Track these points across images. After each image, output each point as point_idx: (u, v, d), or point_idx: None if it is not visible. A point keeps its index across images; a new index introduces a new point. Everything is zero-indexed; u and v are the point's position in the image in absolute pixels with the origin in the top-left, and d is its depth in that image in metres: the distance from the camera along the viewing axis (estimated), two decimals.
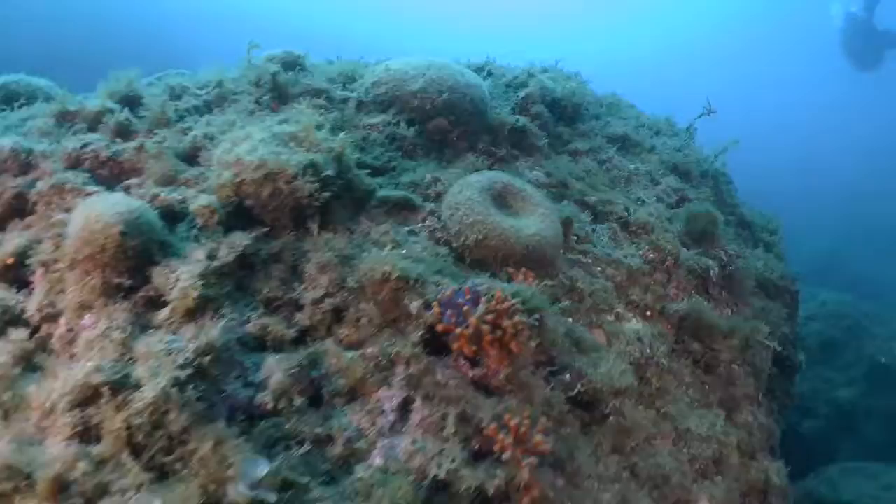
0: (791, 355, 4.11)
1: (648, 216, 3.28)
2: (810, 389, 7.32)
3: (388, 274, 2.37)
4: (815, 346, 7.81)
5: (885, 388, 7.51)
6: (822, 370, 7.66)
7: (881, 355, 7.73)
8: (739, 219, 4.24)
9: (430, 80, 3.33)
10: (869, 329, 8.15)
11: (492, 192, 2.84)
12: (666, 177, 3.87)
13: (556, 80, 4.23)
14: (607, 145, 3.89)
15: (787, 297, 4.00)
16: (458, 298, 2.29)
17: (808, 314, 8.18)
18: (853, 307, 8.46)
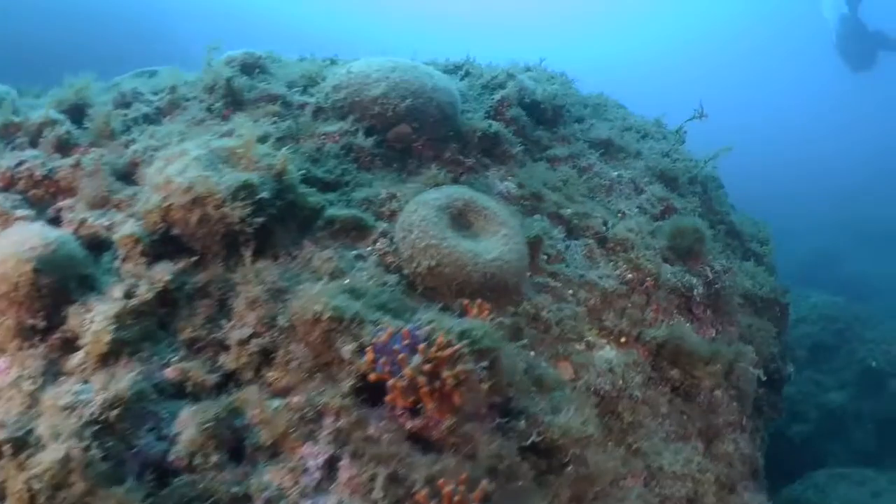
0: (780, 367, 3.82)
1: (628, 232, 2.98)
2: (800, 393, 7.06)
3: (320, 314, 2.14)
4: (806, 349, 7.55)
5: (876, 393, 7.26)
6: (812, 373, 7.39)
7: (872, 359, 7.43)
8: (729, 227, 3.91)
9: (393, 84, 3.05)
10: (860, 333, 7.84)
11: (450, 210, 2.57)
12: (651, 185, 3.55)
13: (538, 80, 3.91)
14: (589, 151, 3.58)
15: (776, 310, 3.69)
16: (395, 344, 2.05)
17: (799, 316, 7.92)
18: (844, 310, 8.15)
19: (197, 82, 3.39)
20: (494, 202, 2.68)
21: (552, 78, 3.96)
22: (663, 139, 4.08)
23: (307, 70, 3.50)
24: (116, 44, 14.17)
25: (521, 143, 3.38)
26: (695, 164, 3.92)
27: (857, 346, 7.59)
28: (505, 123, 3.36)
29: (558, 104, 3.62)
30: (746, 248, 3.90)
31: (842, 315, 7.95)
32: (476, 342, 2.12)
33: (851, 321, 7.92)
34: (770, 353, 3.40)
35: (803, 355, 7.41)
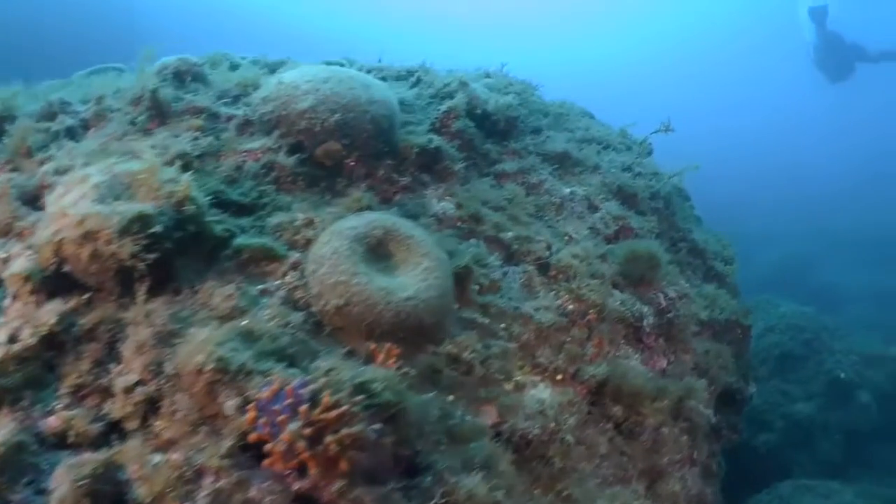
0: (741, 388, 3.61)
1: (572, 258, 2.77)
2: (766, 403, 6.95)
3: (202, 365, 1.97)
4: (774, 359, 7.42)
5: (844, 404, 7.15)
6: (780, 383, 7.27)
7: (841, 370, 7.30)
8: (691, 246, 3.67)
9: (323, 97, 2.84)
10: (829, 343, 7.71)
11: (367, 241, 2.38)
12: (607, 202, 3.31)
13: (496, 87, 3.68)
14: (542, 165, 3.35)
15: (737, 332, 3.47)
16: (276, 403, 1.88)
17: (768, 325, 7.83)
18: (813, 320, 7.99)
19: (125, 91, 3.20)
20: (420, 230, 2.48)
21: (511, 85, 3.72)
22: (627, 151, 3.84)
23: (245, 78, 3.30)
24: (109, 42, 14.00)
25: (466, 158, 3.16)
26: (658, 177, 3.68)
27: (825, 357, 7.45)
28: (450, 137, 3.14)
29: (511, 115, 3.39)
30: (709, 267, 3.66)
31: (811, 325, 7.80)
32: (375, 396, 1.95)
33: (820, 331, 7.78)
34: (727, 381, 3.19)
35: (771, 365, 7.31)
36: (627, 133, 4.02)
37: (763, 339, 7.56)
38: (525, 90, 3.92)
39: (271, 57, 4.45)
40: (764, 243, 15.51)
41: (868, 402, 7.19)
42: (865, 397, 7.21)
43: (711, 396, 3.08)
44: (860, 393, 7.22)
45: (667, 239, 3.58)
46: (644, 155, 3.89)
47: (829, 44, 16.01)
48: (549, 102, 4.07)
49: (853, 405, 7.14)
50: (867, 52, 15.66)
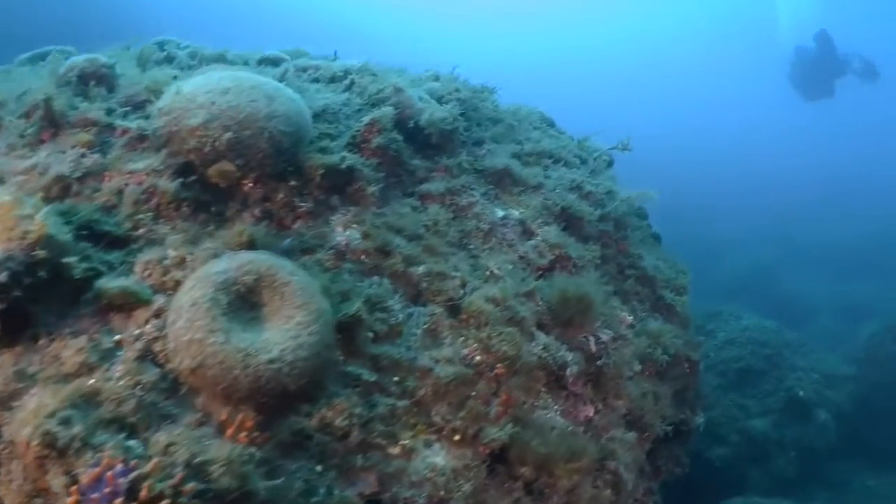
0: (687, 420, 3.34)
1: (485, 302, 2.47)
2: (723, 416, 6.77)
3: (29, 438, 1.75)
4: (733, 372, 7.20)
5: (801, 422, 6.93)
6: (737, 397, 7.05)
7: (800, 388, 7.08)
8: (640, 273, 3.34)
9: (218, 111, 2.53)
10: (790, 360, 7.46)
11: (236, 289, 2.11)
12: (546, 226, 2.99)
13: (441, 93, 3.33)
14: (476, 184, 3.03)
15: (684, 367, 3.17)
16: (97, 490, 1.66)
17: (729, 338, 7.58)
18: (776, 335, 7.71)
19: (26, 96, 2.93)
20: (302, 274, 2.20)
21: (458, 91, 3.36)
22: (582, 165, 3.49)
23: (155, 82, 2.98)
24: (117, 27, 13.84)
25: (389, 176, 2.85)
26: (611, 196, 3.34)
27: (785, 374, 7.24)
28: (369, 154, 2.83)
29: (448, 127, 3.05)
30: (658, 297, 3.34)
31: (773, 340, 7.55)
32: (214, 481, 1.72)
33: (782, 347, 7.52)
34: (662, 430, 2.91)
35: (730, 378, 7.11)
36: (586, 145, 3.66)
37: (723, 352, 7.37)
38: (474, 96, 3.56)
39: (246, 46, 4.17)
40: (733, 248, 15.52)
41: (826, 421, 7.00)
42: (824, 416, 7.02)
43: (643, 444, 2.82)
44: (818, 412, 7.02)
45: (613, 265, 3.26)
46: (601, 170, 3.54)
47: (807, 61, 16.04)
48: (503, 109, 3.72)
49: (811, 424, 6.95)
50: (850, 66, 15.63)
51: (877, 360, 8.01)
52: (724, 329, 7.62)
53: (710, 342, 7.49)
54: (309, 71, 3.57)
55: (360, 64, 3.59)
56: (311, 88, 3.25)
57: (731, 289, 12.76)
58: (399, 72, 3.87)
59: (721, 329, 7.65)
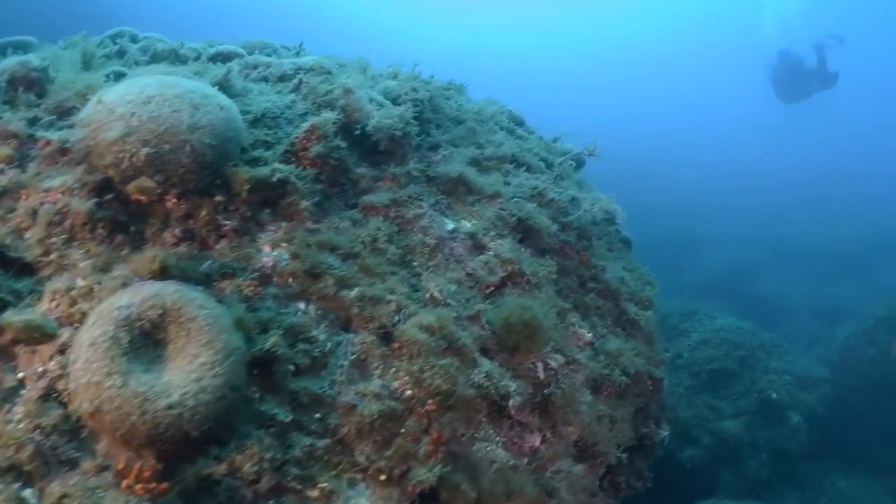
0: (650, 434, 3.16)
1: (420, 331, 2.28)
2: (695, 417, 6.64)
3: None
4: (706, 373, 7.04)
5: (774, 425, 6.78)
6: (710, 398, 6.89)
7: (773, 391, 6.92)
8: (603, 286, 3.12)
9: (137, 123, 2.32)
10: (764, 361, 7.26)
11: (140, 325, 1.94)
12: (500, 239, 2.78)
13: (397, 92, 3.10)
14: (427, 193, 2.81)
15: (647, 385, 2.98)
16: None
17: (703, 338, 7.40)
18: (750, 336, 7.51)
19: None
20: (212, 306, 2.02)
21: (415, 91, 3.11)
22: (547, 169, 3.25)
23: (88, 86, 2.77)
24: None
25: (330, 187, 2.65)
26: (575, 203, 3.11)
27: (759, 376, 7.07)
28: (308, 163, 2.62)
29: (399, 133, 2.83)
30: (622, 311, 3.13)
31: (747, 342, 7.37)
32: None
33: (756, 349, 7.33)
34: (616, 457, 2.73)
35: (703, 379, 6.97)
36: (553, 147, 3.41)
37: (697, 352, 7.20)
38: (438, 94, 3.32)
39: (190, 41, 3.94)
40: (713, 246, 15.40)
41: (799, 423, 6.86)
42: (796, 419, 6.87)
43: (595, 471, 2.65)
44: (791, 414, 6.88)
45: (574, 278, 3.06)
46: (567, 175, 3.30)
47: (789, 65, 15.95)
48: (468, 108, 3.47)
49: (783, 426, 6.80)
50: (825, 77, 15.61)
51: (851, 363, 7.96)
52: (698, 329, 7.46)
53: (684, 342, 7.33)
54: (259, 68, 3.34)
55: (314, 60, 3.35)
56: (255, 90, 3.04)
57: (709, 287, 12.74)
58: (360, 68, 3.63)
59: (695, 329, 7.48)
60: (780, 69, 16.11)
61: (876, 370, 7.68)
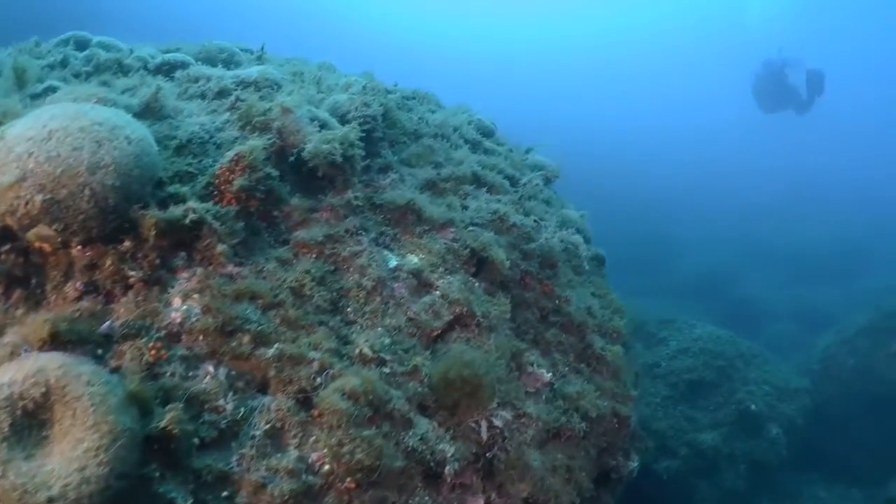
0: (618, 466, 2.87)
1: (341, 397, 1.98)
2: (671, 428, 6.29)
3: None
4: (684, 383, 6.66)
5: (752, 436, 6.43)
6: (687, 409, 6.52)
7: (752, 402, 6.57)
8: (566, 320, 2.78)
9: (33, 165, 2.00)
10: (743, 371, 6.88)
11: (21, 405, 1.65)
12: (450, 275, 2.45)
13: (346, 109, 2.75)
14: (369, 225, 2.48)
15: (612, 424, 2.67)
16: None
17: (681, 347, 7.01)
18: (729, 345, 7.10)
19: None
20: (100, 382, 1.73)
21: (366, 106, 2.75)
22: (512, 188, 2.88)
23: (4, 112, 2.46)
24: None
25: (255, 223, 2.33)
26: (539, 227, 2.76)
27: (737, 386, 6.70)
28: (230, 199, 2.30)
29: (335, 159, 2.49)
30: (587, 346, 2.80)
31: (726, 351, 6.98)
32: None
33: (734, 358, 6.94)
34: None
35: (681, 389, 6.62)
36: (524, 161, 3.04)
37: (675, 361, 6.83)
38: (394, 108, 2.96)
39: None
40: (694, 247, 14.89)
41: (777, 435, 6.50)
42: (775, 431, 6.51)
43: None
44: (770, 426, 6.52)
45: (535, 311, 2.73)
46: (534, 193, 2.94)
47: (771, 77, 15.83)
48: (432, 120, 3.11)
49: (762, 438, 6.45)
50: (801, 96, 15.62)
51: (831, 373, 7.62)
52: (676, 337, 7.08)
53: (662, 350, 6.98)
54: (200, 82, 3.00)
55: (260, 72, 3.00)
56: (187, 109, 2.71)
57: (689, 288, 12.33)
58: (316, 79, 3.28)
59: (674, 337, 7.10)
60: (763, 79, 16.05)
61: (857, 380, 7.38)
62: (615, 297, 3.11)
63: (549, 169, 3.44)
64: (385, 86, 3.44)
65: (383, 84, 3.37)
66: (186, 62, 3.38)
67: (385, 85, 3.46)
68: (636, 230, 14.47)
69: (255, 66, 3.20)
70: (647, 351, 6.86)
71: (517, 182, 3.06)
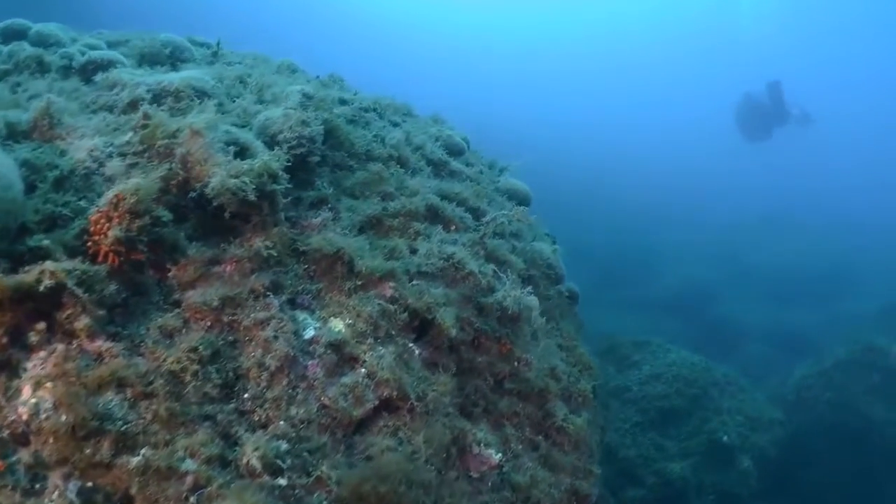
0: None
1: None
2: (640, 457, 5.65)
3: None
4: (655, 410, 5.98)
5: (722, 467, 5.80)
6: (657, 437, 5.86)
7: (724, 433, 5.89)
8: (523, 388, 2.15)
9: None
10: (717, 401, 6.17)
11: None
12: (380, 347, 1.86)
13: (273, 128, 2.12)
14: (286, 280, 1.85)
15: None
16: None
17: (654, 373, 6.30)
18: (703, 372, 6.36)
19: None
20: None
21: (304, 124, 2.11)
22: (473, 226, 2.25)
23: None
24: None
25: (139, 278, 1.75)
26: (498, 279, 2.14)
27: (710, 416, 6.02)
28: (105, 252, 1.72)
29: (247, 197, 1.88)
30: (546, 415, 2.18)
31: (699, 379, 6.27)
32: None
33: (709, 386, 6.23)
34: None
35: (651, 415, 5.97)
36: (483, 191, 2.38)
37: (647, 387, 6.15)
38: (342, 125, 2.32)
39: None
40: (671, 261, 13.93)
41: (748, 467, 5.86)
42: (746, 463, 5.86)
43: None
44: (742, 458, 5.87)
45: (488, 378, 2.14)
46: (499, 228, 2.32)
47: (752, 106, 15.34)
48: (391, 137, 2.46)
49: (733, 469, 5.83)
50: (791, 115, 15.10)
51: (806, 404, 6.98)
52: (650, 361, 6.38)
53: (635, 374, 6.29)
54: (116, 89, 2.38)
55: (183, 79, 2.35)
56: (83, 127, 2.09)
57: (666, 304, 11.50)
58: (259, 86, 2.63)
59: (647, 361, 6.40)
60: (744, 109, 15.61)
61: (832, 413, 6.75)
62: (584, 351, 2.51)
63: (522, 195, 2.82)
64: (339, 95, 2.78)
65: (336, 93, 2.72)
66: (115, 61, 2.73)
67: (340, 94, 2.81)
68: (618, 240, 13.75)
69: (181, 72, 2.55)
70: (619, 374, 6.25)
71: (481, 215, 2.43)
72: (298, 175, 2.18)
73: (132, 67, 2.89)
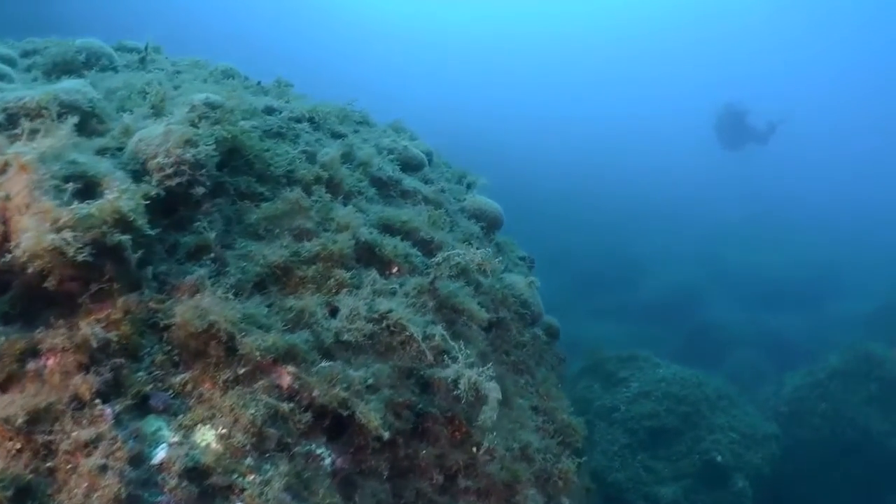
0: None
1: None
2: (629, 479, 4.79)
3: None
4: (644, 430, 5.03)
5: (717, 489, 4.91)
6: (647, 458, 4.93)
7: (717, 452, 4.98)
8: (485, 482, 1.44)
9: None
10: (709, 419, 5.18)
11: None
12: (267, 463, 1.15)
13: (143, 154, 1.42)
14: (129, 379, 1.15)
15: None
16: None
17: (643, 390, 5.31)
18: (695, 388, 5.33)
19: None
20: None
21: (190, 144, 1.40)
22: (421, 267, 1.54)
23: None
24: None
25: None
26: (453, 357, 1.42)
27: (702, 434, 5.08)
28: None
29: (73, 259, 1.21)
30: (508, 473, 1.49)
31: (690, 395, 5.27)
32: None
33: (700, 403, 5.25)
34: None
35: (640, 436, 5.05)
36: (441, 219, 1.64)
37: (636, 405, 5.20)
38: (249, 143, 1.60)
39: None
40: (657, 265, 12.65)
41: (744, 488, 4.94)
42: (741, 483, 4.94)
43: None
44: (736, 478, 4.95)
45: (434, 477, 1.43)
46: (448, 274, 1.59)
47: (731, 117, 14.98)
48: (319, 156, 1.74)
49: (727, 490, 4.93)
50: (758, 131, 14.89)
51: (801, 417, 6.06)
52: (638, 378, 5.41)
53: (622, 393, 5.32)
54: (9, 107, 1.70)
55: (42, 96, 1.65)
56: None
57: (653, 310, 10.40)
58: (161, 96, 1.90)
59: (636, 378, 5.42)
60: (724, 118, 15.20)
61: (827, 425, 5.87)
62: (565, 411, 1.79)
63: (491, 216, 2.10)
64: (267, 103, 2.06)
65: (261, 101, 2.00)
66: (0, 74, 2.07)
67: (269, 101, 2.08)
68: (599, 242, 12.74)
69: (59, 83, 1.87)
70: (605, 392, 5.33)
71: (436, 249, 1.69)
72: (180, 212, 1.48)
73: (41, 79, 2.24)
